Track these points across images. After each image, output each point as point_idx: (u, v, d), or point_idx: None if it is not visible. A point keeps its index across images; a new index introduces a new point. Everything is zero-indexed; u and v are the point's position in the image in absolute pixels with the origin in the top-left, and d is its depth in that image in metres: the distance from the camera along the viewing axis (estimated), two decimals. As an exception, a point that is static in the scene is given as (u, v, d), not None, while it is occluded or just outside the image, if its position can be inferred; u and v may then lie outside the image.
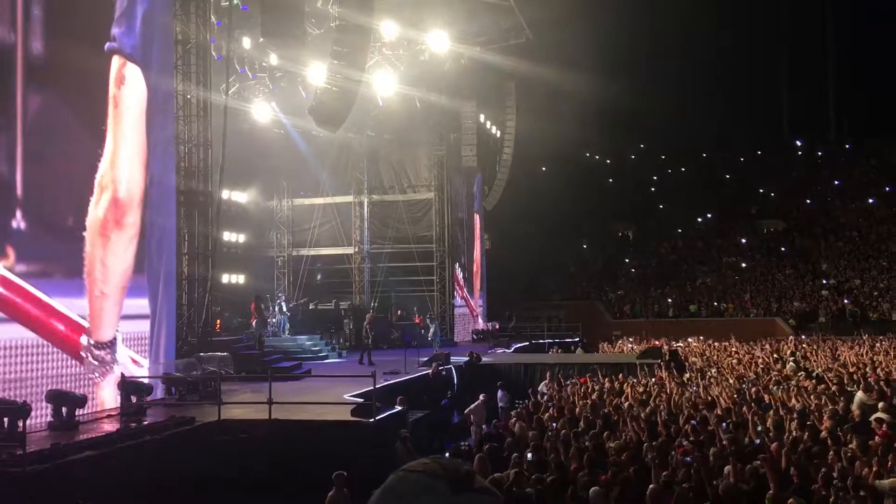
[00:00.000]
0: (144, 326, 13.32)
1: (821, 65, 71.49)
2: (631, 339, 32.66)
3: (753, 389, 13.27)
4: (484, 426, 13.91)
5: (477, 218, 35.85)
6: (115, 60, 12.83)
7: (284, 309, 22.97)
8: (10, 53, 10.74)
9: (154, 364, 13.24)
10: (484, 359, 21.95)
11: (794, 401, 11.82)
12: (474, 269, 34.80)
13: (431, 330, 24.56)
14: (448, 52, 26.30)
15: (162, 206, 14.11)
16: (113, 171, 12.42)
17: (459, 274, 32.62)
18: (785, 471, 7.57)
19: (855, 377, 14.75)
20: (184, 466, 9.71)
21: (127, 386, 11.38)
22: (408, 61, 26.36)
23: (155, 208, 13.74)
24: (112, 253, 12.05)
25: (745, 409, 11.16)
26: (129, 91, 12.99)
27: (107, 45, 12.69)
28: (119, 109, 12.71)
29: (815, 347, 25.01)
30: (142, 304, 13.23)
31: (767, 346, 26.10)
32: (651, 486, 6.91)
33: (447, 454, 10.24)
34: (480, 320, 34.73)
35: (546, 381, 17.31)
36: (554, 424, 10.93)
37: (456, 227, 32.11)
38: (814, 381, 14.48)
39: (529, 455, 8.81)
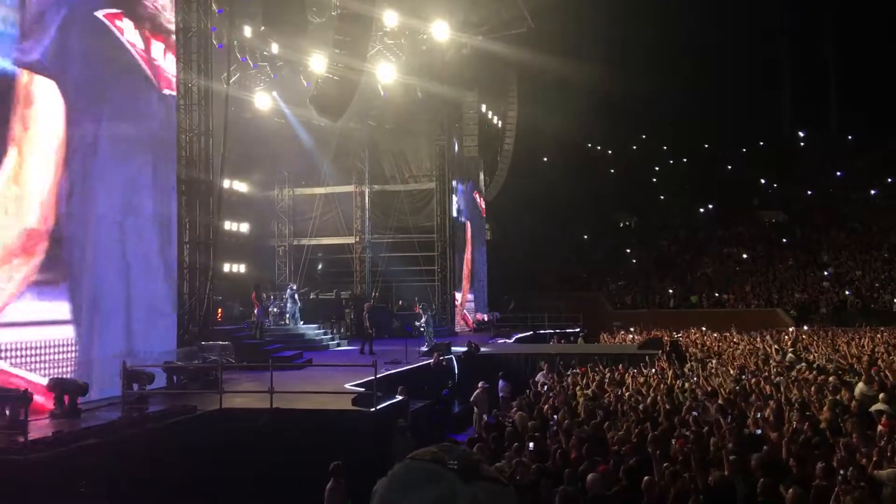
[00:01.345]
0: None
1: (823, 56, 71.16)
2: (632, 330, 32.67)
3: (754, 380, 13.28)
4: (485, 416, 13.93)
5: (468, 225, 35.31)
6: (24, 75, 11.14)
7: (296, 298, 22.78)
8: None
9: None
10: (484, 349, 21.92)
11: (794, 391, 11.83)
12: (465, 273, 34.62)
13: (423, 320, 23.55)
14: (449, 42, 26.17)
15: (89, 219, 12.39)
16: (20, 203, 11.01)
17: None
18: (785, 461, 7.59)
19: (856, 367, 14.76)
20: (185, 454, 9.76)
21: (129, 374, 11.41)
22: (409, 51, 26.25)
23: (79, 223, 12.14)
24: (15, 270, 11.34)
25: (744, 399, 11.16)
26: (40, 109, 11.41)
27: (12, 56, 10.97)
28: (29, 132, 11.18)
29: (815, 338, 25.02)
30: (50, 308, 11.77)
31: (768, 337, 26.07)
32: (646, 477, 6.91)
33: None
34: (468, 316, 34.43)
35: (543, 371, 17.26)
36: (555, 416, 10.94)
37: (456, 227, 31.92)
38: (814, 372, 14.50)
39: (531, 445, 8.83)
